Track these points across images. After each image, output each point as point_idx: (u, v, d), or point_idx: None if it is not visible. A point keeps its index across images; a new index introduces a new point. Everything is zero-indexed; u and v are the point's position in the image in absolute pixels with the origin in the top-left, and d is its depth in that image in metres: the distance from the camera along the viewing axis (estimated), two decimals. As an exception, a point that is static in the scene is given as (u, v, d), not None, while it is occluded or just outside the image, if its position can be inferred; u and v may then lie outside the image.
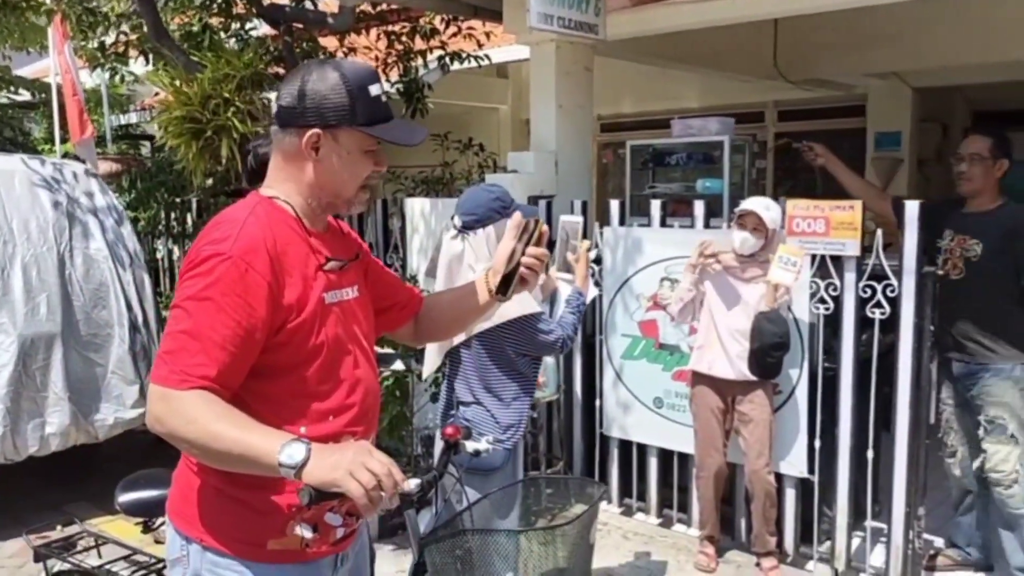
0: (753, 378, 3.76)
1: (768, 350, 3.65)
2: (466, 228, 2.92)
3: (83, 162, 5.51)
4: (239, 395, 1.59)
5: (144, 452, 5.81)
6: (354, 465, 1.42)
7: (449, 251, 2.97)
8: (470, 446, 2.40)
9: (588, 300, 3.24)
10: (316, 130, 1.63)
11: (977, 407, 3.68)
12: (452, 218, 3.00)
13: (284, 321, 1.60)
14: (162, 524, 2.93)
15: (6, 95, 10.71)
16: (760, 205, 3.75)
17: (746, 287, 3.81)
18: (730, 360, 3.80)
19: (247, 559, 1.65)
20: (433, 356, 3.20)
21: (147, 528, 2.90)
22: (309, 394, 1.66)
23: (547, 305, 3.77)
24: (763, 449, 3.80)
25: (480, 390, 2.98)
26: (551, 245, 2.82)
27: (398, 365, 3.83)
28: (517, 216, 1.89)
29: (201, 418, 1.48)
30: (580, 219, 3.37)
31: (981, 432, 3.66)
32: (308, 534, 1.66)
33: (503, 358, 2.97)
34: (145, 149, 10.55)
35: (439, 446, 3.16)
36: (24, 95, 10.90)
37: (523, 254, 1.87)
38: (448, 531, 1.92)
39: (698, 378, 3.97)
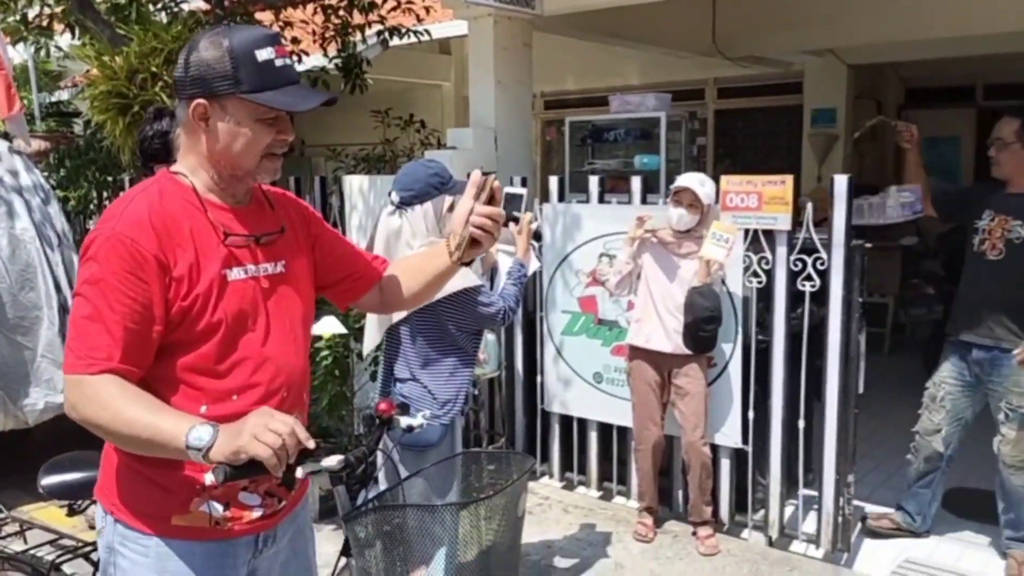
0: (688, 352, 3.82)
1: (701, 324, 3.71)
2: (404, 204, 2.89)
3: (11, 139, 5.31)
4: (143, 377, 1.59)
5: (76, 437, 5.70)
6: (257, 428, 1.43)
7: (387, 227, 2.94)
8: (404, 421, 2.40)
9: (530, 272, 3.24)
10: (201, 100, 1.60)
11: (996, 393, 3.64)
12: (390, 194, 2.98)
13: (177, 295, 1.58)
14: (88, 507, 2.88)
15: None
16: (695, 181, 3.80)
17: (682, 262, 3.85)
18: (667, 333, 3.85)
19: (151, 533, 1.67)
20: (373, 333, 3.18)
21: (72, 511, 2.85)
22: (208, 373, 1.63)
23: (487, 278, 3.77)
24: (699, 421, 3.87)
25: (417, 367, 2.97)
26: None
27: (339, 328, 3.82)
28: (476, 174, 1.80)
29: (113, 403, 1.50)
30: (524, 191, 3.35)
31: (1002, 417, 3.62)
32: (218, 512, 1.68)
33: (443, 333, 2.96)
34: (77, 127, 10.23)
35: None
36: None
37: (475, 219, 1.78)
38: (370, 506, 1.92)
39: (635, 352, 4.02)
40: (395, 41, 6.49)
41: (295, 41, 6.17)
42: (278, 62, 1.61)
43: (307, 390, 1.87)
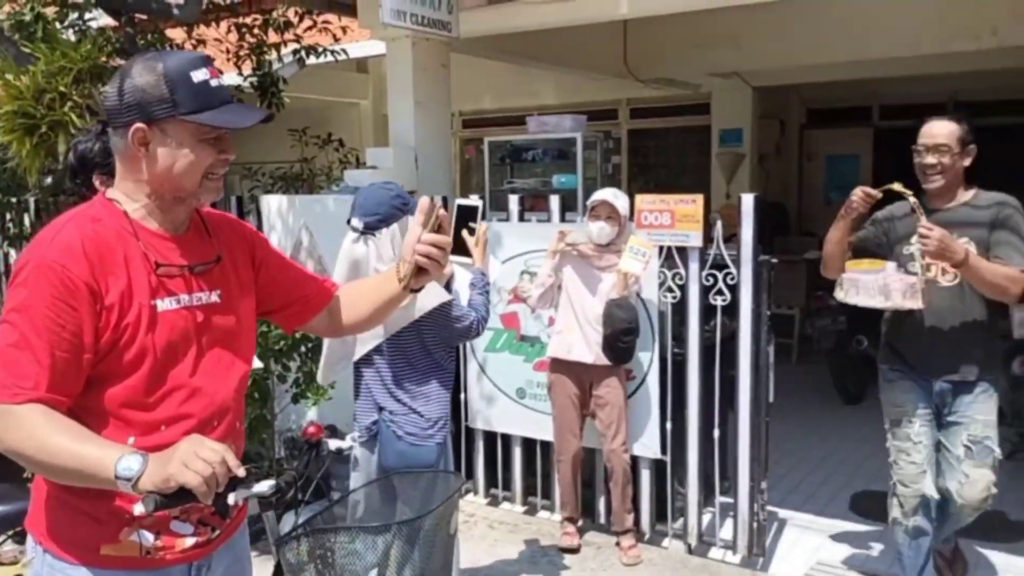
0: (608, 363, 3.92)
1: (619, 335, 3.82)
2: (369, 229, 2.85)
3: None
4: (70, 407, 1.56)
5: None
6: (187, 456, 1.43)
7: (351, 255, 2.88)
8: (333, 444, 2.40)
9: (492, 279, 3.28)
10: (140, 125, 1.60)
11: (956, 426, 3.26)
12: (349, 221, 2.93)
13: (107, 325, 1.57)
14: (3, 542, 2.78)
15: None
16: (609, 194, 3.93)
17: (603, 275, 3.96)
18: (588, 344, 3.95)
19: (80, 563, 1.64)
20: (332, 363, 3.10)
21: None
22: (136, 404, 1.62)
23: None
24: (619, 429, 3.99)
25: (399, 391, 2.96)
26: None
27: (255, 363, 3.75)
28: (424, 200, 1.82)
29: (38, 433, 1.47)
30: (478, 202, 3.39)
31: (961, 453, 3.23)
32: (148, 541, 1.66)
33: (420, 353, 2.96)
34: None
35: (357, 451, 3.10)
36: None
37: (424, 247, 1.78)
38: (304, 530, 1.92)
39: (556, 364, 4.10)
40: (311, 60, 6.47)
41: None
42: (212, 82, 1.63)
43: (241, 419, 1.85)
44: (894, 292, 3.11)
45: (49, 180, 5.04)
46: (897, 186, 3.16)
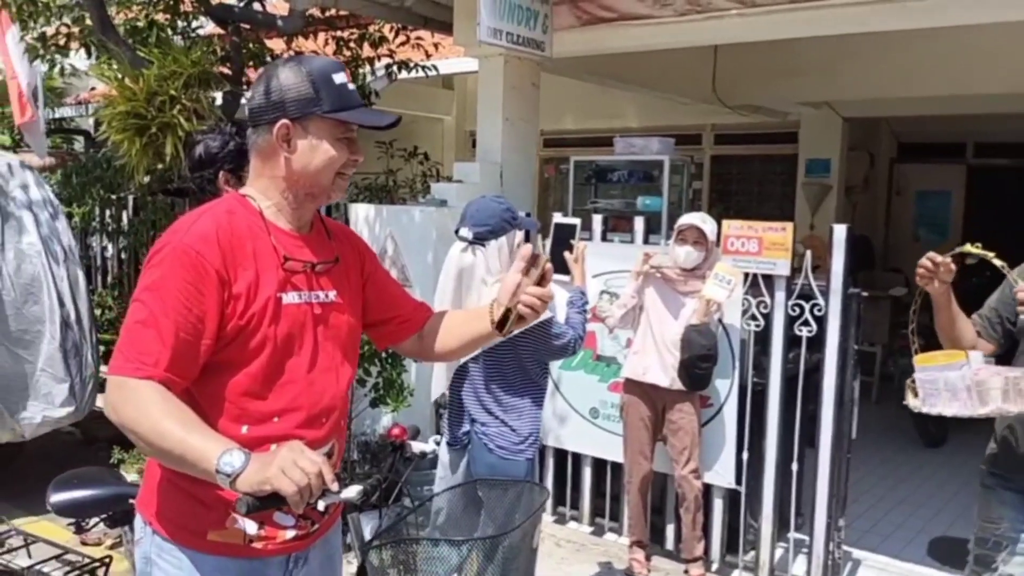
0: (683, 388, 3.89)
1: (696, 361, 3.78)
2: (478, 239, 2.90)
3: (27, 148, 5.39)
4: (188, 391, 1.62)
5: (68, 452, 5.70)
6: (285, 463, 1.43)
7: (459, 264, 2.92)
8: (416, 447, 2.44)
9: (590, 298, 3.29)
10: (284, 121, 1.68)
11: None
12: (457, 231, 2.99)
13: (233, 313, 1.63)
14: (95, 526, 2.88)
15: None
16: (698, 219, 3.91)
17: (685, 299, 3.93)
18: (664, 368, 3.91)
19: (186, 546, 1.70)
20: (441, 378, 3.15)
21: (79, 529, 2.84)
22: (253, 393, 1.67)
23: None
24: (691, 455, 3.93)
25: (492, 403, 2.99)
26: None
27: None
28: (527, 248, 1.83)
29: (151, 413, 1.51)
30: (576, 221, 3.45)
31: None
32: (252, 530, 1.69)
33: (515, 368, 2.98)
34: (78, 144, 10.29)
35: (445, 457, 3.15)
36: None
37: (525, 290, 1.79)
38: (389, 537, 1.95)
39: (631, 386, 4.08)
40: (402, 75, 6.62)
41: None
42: (349, 86, 1.72)
43: (346, 418, 1.90)
44: (991, 391, 2.35)
45: (147, 179, 5.27)
46: (972, 248, 2.36)
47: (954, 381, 2.38)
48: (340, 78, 1.70)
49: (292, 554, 1.79)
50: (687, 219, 3.92)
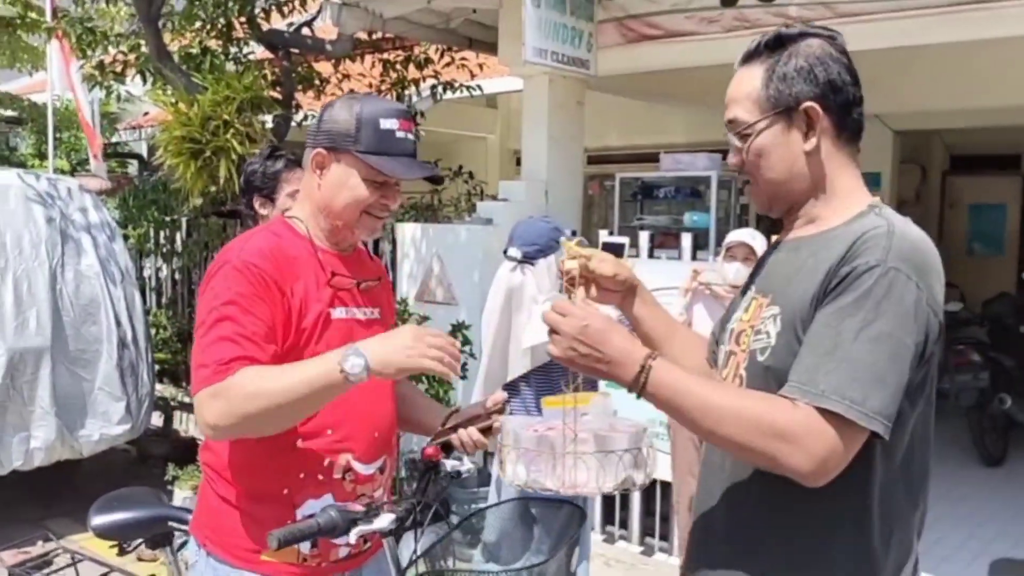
0: None
1: None
2: (527, 259, 2.92)
3: (85, 172, 5.57)
4: None
5: (124, 469, 5.83)
6: (418, 344, 1.52)
7: (508, 284, 2.95)
8: (450, 465, 2.43)
9: None
10: (321, 150, 1.75)
11: None
12: (506, 251, 3.01)
13: (288, 329, 1.67)
14: (138, 546, 2.91)
15: (-8, 111, 10.73)
16: (747, 235, 3.89)
17: None
18: None
19: (241, 567, 1.72)
20: (490, 387, 3.11)
21: (122, 551, 2.88)
22: None
23: None
24: None
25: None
26: None
27: None
28: (501, 396, 1.86)
29: (260, 386, 1.54)
30: (624, 240, 3.45)
31: None
32: (305, 548, 1.71)
33: (565, 387, 2.99)
34: (132, 168, 10.58)
35: (497, 477, 3.15)
36: (8, 111, 10.89)
37: (472, 426, 1.81)
38: (429, 568, 1.92)
39: None
40: (447, 95, 6.69)
41: (350, 92, 6.38)
42: (399, 134, 1.74)
43: (396, 435, 1.92)
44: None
45: (199, 202, 5.40)
46: None
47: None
48: (388, 124, 1.73)
49: (346, 573, 1.81)
50: (736, 236, 3.89)
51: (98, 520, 2.43)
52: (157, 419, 5.99)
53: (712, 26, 4.62)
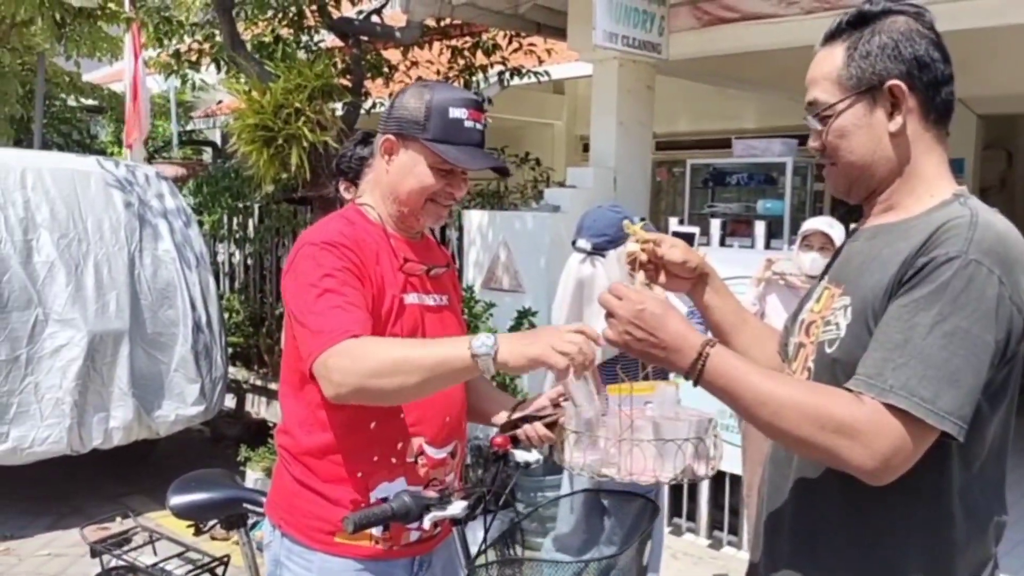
0: None
1: None
2: (597, 250, 2.88)
3: (162, 159, 5.70)
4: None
5: (198, 449, 5.98)
6: (553, 339, 1.46)
7: (578, 276, 2.90)
8: (519, 456, 2.41)
9: None
10: (390, 136, 1.76)
11: None
12: (575, 242, 2.97)
13: (370, 307, 1.68)
14: (213, 527, 2.97)
15: (75, 99, 11.07)
16: (824, 224, 3.76)
17: None
18: None
19: (315, 548, 1.74)
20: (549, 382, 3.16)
21: (198, 531, 2.93)
22: None
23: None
24: None
25: None
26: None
27: None
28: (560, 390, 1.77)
29: (388, 349, 1.55)
30: (695, 230, 3.39)
31: None
32: (377, 532, 1.72)
33: (634, 377, 2.96)
34: (206, 155, 10.83)
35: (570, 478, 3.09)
36: (90, 100, 11.24)
37: (539, 421, 1.77)
38: (499, 556, 1.91)
39: None
40: (515, 81, 6.65)
41: (419, 79, 6.40)
42: (467, 123, 1.73)
43: (465, 421, 1.92)
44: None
45: (271, 188, 5.47)
46: None
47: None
48: (458, 113, 1.72)
49: (416, 557, 1.82)
50: (812, 224, 3.78)
51: (176, 500, 2.49)
52: (230, 401, 6.13)
53: (791, 7, 4.48)
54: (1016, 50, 6.14)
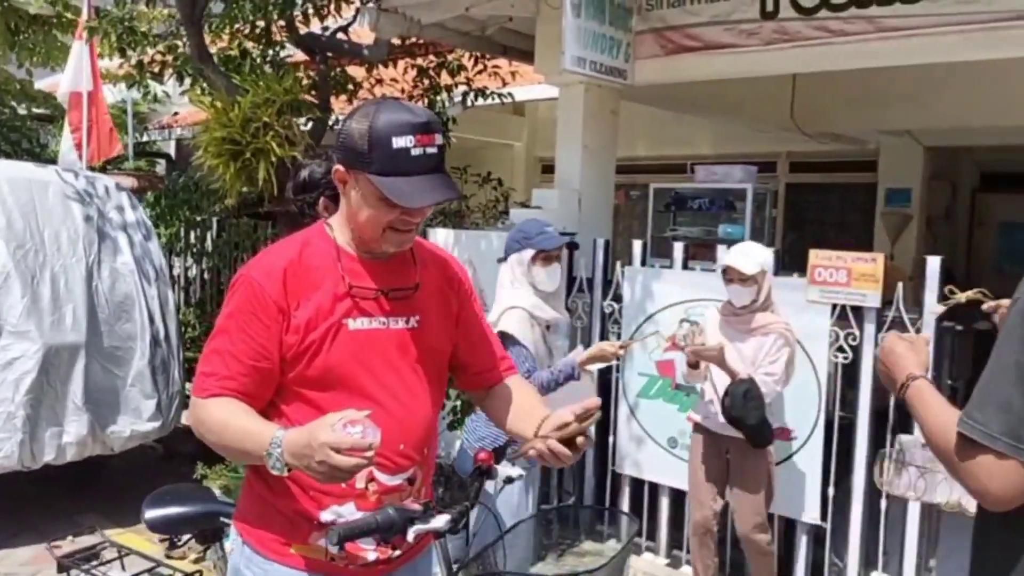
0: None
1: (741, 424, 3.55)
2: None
3: (116, 171, 5.60)
4: (285, 415, 1.74)
5: (152, 466, 5.85)
6: (312, 456, 1.50)
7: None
8: (503, 471, 2.44)
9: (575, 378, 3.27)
10: (339, 166, 1.72)
11: None
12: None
13: (293, 340, 1.70)
14: (188, 541, 2.93)
15: (25, 107, 10.83)
16: (738, 255, 3.63)
17: (741, 340, 3.68)
18: (723, 412, 3.63)
19: (271, 558, 1.76)
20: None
21: (172, 545, 2.89)
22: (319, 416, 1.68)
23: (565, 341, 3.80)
24: (757, 509, 3.66)
25: None
26: None
27: None
28: (594, 402, 1.71)
29: (218, 417, 1.68)
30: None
31: None
32: (333, 549, 1.71)
33: None
34: (160, 167, 10.66)
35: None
36: (41, 108, 11.00)
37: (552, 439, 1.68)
38: (481, 570, 1.93)
39: (696, 426, 3.90)
40: (479, 102, 6.71)
41: (383, 97, 6.41)
42: (415, 151, 1.64)
43: (430, 446, 1.86)
44: None
45: (231, 202, 5.43)
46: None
47: None
48: (402, 142, 1.63)
49: None
50: (727, 259, 3.67)
51: (151, 514, 2.47)
52: (185, 417, 6.02)
53: (751, 39, 4.61)
54: (962, 86, 6.39)
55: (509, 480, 2.45)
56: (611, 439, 4.69)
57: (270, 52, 5.50)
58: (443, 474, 4.96)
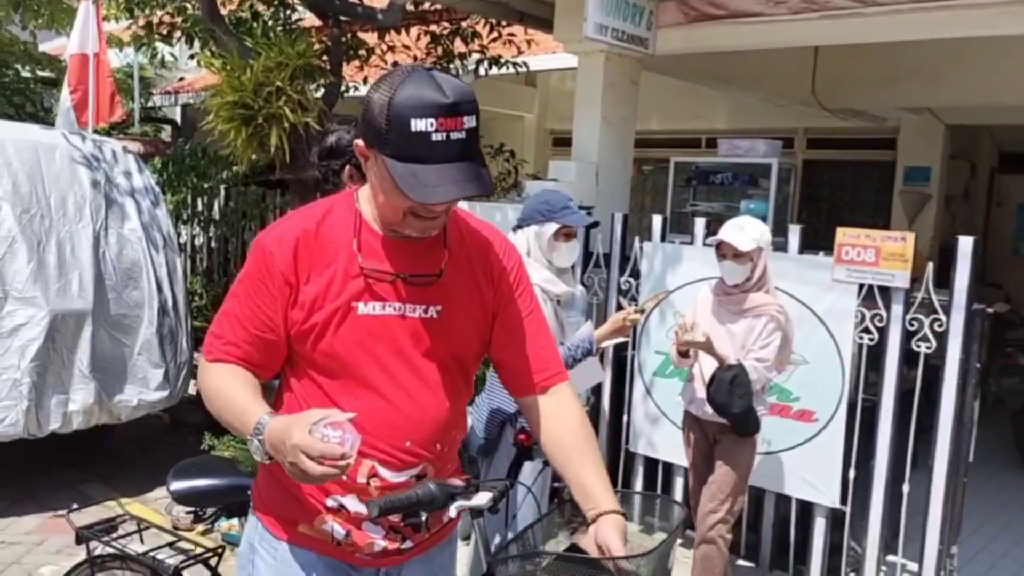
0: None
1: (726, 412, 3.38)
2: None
3: (123, 135, 5.48)
4: (293, 392, 1.69)
5: (157, 436, 5.80)
6: (287, 454, 1.43)
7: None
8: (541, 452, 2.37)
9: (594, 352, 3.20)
10: (359, 142, 1.55)
11: None
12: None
13: (297, 317, 1.61)
14: (213, 515, 2.87)
15: (29, 70, 10.68)
16: (733, 229, 3.39)
17: (732, 321, 3.50)
18: (707, 398, 3.47)
19: (280, 536, 1.72)
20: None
21: (197, 518, 2.82)
22: (330, 400, 1.61)
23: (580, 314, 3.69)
24: (722, 497, 3.44)
25: None
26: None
27: None
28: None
29: (215, 388, 1.63)
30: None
31: None
32: (339, 535, 1.68)
33: None
34: (165, 133, 10.53)
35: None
36: (45, 71, 10.84)
37: None
38: (522, 551, 1.86)
39: (686, 412, 3.75)
40: (493, 71, 6.56)
41: (395, 65, 6.27)
42: (436, 136, 1.44)
43: (445, 442, 1.72)
44: None
45: (238, 169, 5.31)
46: None
47: None
48: (422, 125, 1.43)
49: (382, 569, 1.75)
50: (721, 233, 3.42)
51: (177, 485, 2.39)
52: (192, 387, 5.96)
53: (779, 7, 4.46)
54: (984, 63, 6.24)
55: (547, 462, 2.39)
56: (625, 418, 4.61)
57: (281, 14, 5.35)
58: (465, 452, 4.92)
